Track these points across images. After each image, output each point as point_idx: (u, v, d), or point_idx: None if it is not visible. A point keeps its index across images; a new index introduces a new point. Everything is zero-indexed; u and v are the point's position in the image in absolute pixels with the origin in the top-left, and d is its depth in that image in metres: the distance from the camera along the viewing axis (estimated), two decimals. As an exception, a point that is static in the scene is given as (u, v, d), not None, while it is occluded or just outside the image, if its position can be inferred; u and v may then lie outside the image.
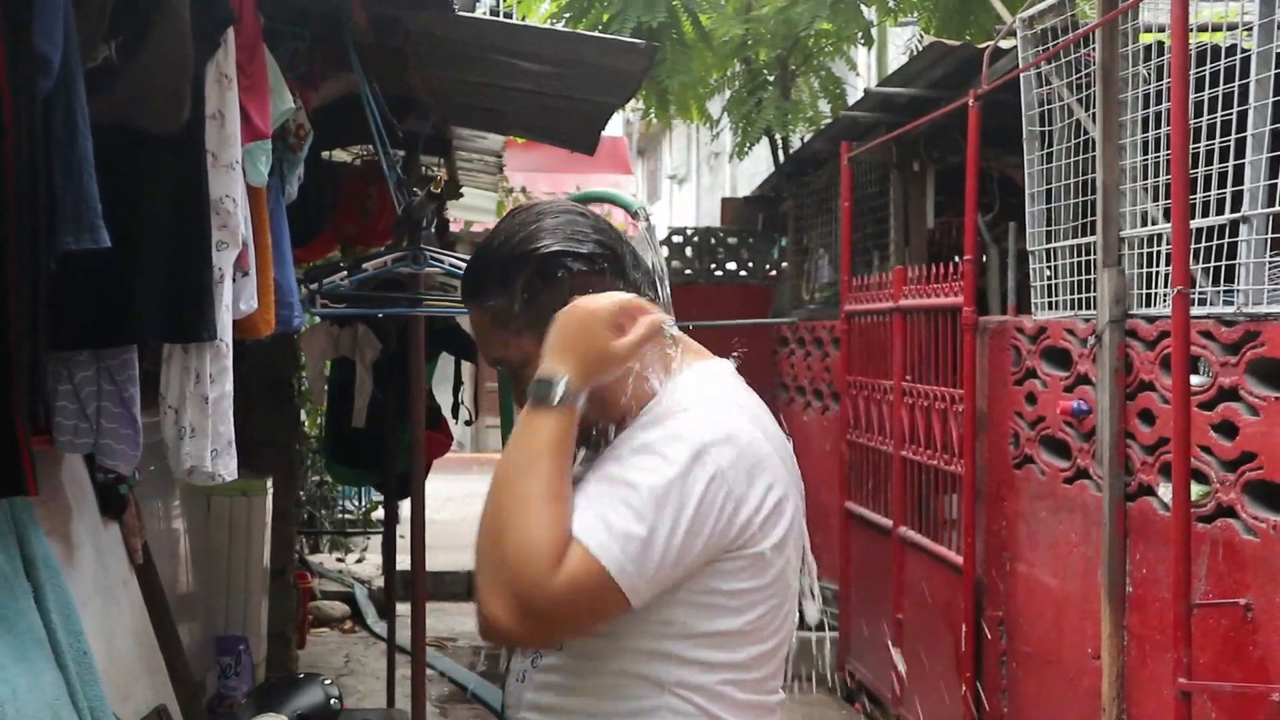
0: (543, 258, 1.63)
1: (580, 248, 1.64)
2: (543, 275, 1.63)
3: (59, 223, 1.76)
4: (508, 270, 1.65)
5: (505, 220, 1.73)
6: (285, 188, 3.21)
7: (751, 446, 1.58)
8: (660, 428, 1.57)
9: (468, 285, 1.71)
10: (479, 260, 1.70)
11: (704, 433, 1.55)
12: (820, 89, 7.84)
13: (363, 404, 4.54)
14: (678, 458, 1.52)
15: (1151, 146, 3.62)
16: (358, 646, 7.25)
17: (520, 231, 1.66)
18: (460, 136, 5.96)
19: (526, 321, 1.62)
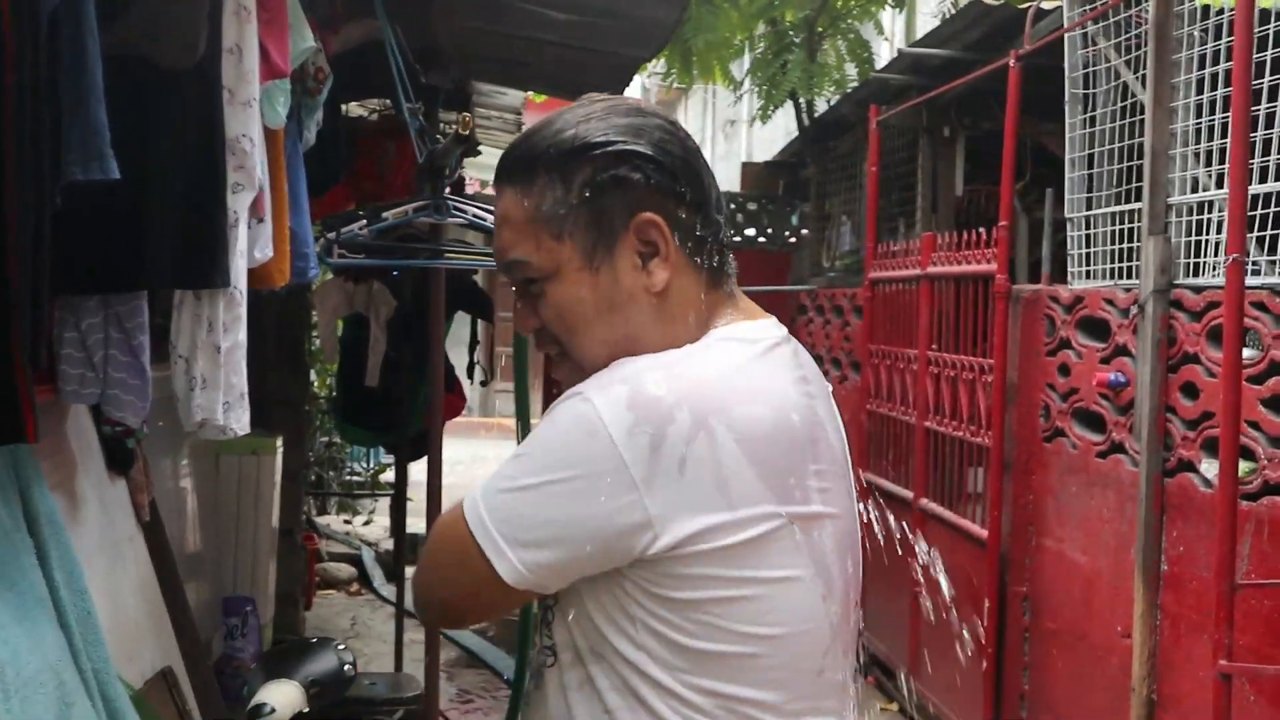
0: (620, 155, 1.36)
1: (663, 156, 1.38)
2: (612, 174, 1.36)
3: (66, 151, 1.63)
4: (568, 158, 1.37)
5: (572, 107, 1.44)
6: (303, 133, 3.09)
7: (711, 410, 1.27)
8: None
9: (512, 162, 1.40)
10: (531, 142, 1.40)
11: (624, 374, 1.30)
12: (848, 52, 7.68)
13: (376, 362, 4.43)
14: (572, 408, 1.29)
15: (1205, 110, 3.48)
16: (364, 609, 7.18)
17: (592, 119, 1.38)
18: (480, 92, 5.82)
19: (575, 225, 1.37)
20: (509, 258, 1.41)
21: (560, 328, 1.40)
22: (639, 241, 1.38)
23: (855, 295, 6.31)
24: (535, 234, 1.38)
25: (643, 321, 1.39)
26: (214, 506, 4.58)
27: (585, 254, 1.37)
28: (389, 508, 8.57)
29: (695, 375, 1.31)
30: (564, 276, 1.38)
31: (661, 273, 1.38)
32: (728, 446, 1.27)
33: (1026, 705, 4.37)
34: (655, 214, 1.37)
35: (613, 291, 1.38)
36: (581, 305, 1.38)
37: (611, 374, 1.32)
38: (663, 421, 1.25)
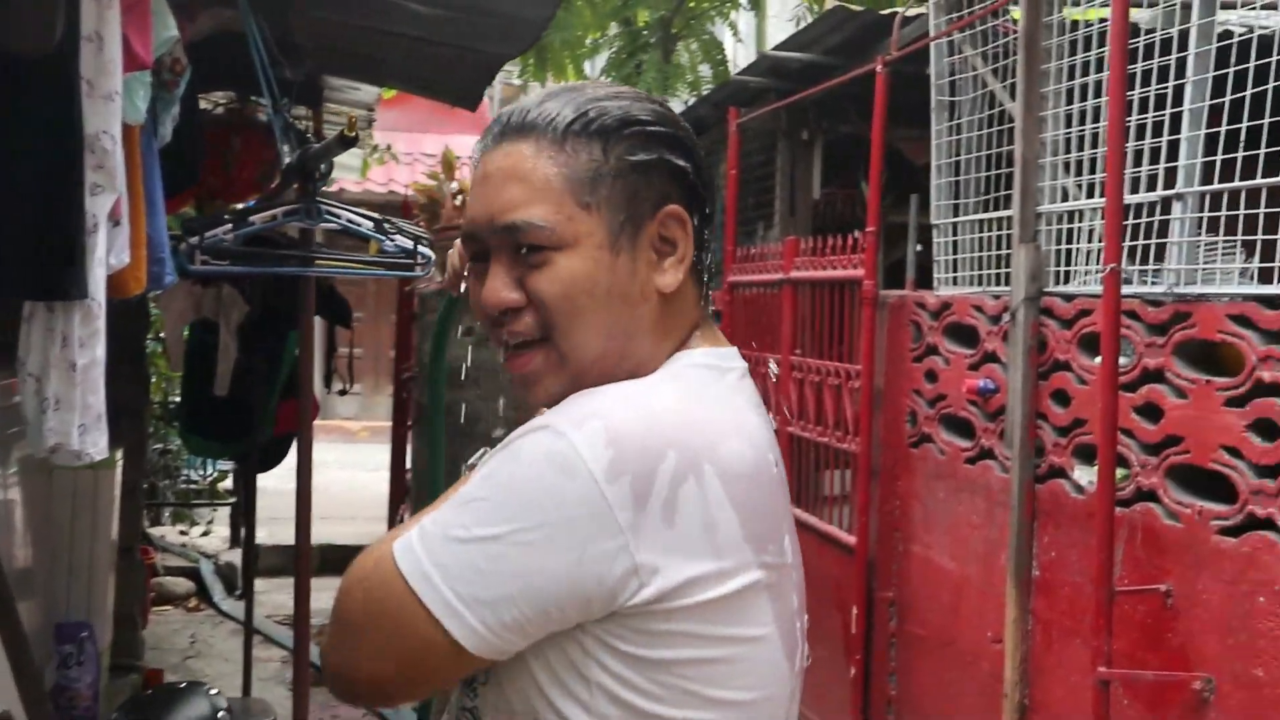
0: (667, 139, 1.27)
1: (699, 160, 1.32)
2: (655, 156, 1.26)
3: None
4: (618, 127, 1.25)
5: (597, 84, 1.34)
6: (158, 129, 2.88)
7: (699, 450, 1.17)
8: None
9: (538, 117, 1.26)
10: (565, 98, 1.27)
11: (601, 406, 1.17)
12: (701, 53, 7.67)
13: (227, 370, 4.20)
14: (542, 444, 1.15)
15: (1075, 120, 3.52)
16: (204, 626, 6.88)
17: (636, 101, 1.29)
18: (332, 87, 5.60)
19: (607, 198, 1.24)
20: (514, 218, 1.23)
21: (562, 306, 1.23)
22: (660, 236, 1.28)
23: (712, 298, 6.29)
24: (558, 197, 1.23)
25: (643, 324, 1.27)
26: (47, 525, 4.28)
27: (611, 231, 1.24)
28: (228, 517, 8.25)
29: (678, 409, 1.20)
30: (582, 250, 1.23)
31: (675, 274, 1.28)
32: (714, 489, 1.16)
33: (894, 711, 4.38)
34: (683, 208, 1.29)
35: (627, 282, 1.25)
36: (594, 286, 1.23)
37: (580, 406, 1.19)
38: (650, 461, 1.14)
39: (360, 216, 2.87)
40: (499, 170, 1.25)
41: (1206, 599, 2.91)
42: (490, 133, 1.29)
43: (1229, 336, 2.87)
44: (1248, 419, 2.80)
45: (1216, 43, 3.05)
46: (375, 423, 14.12)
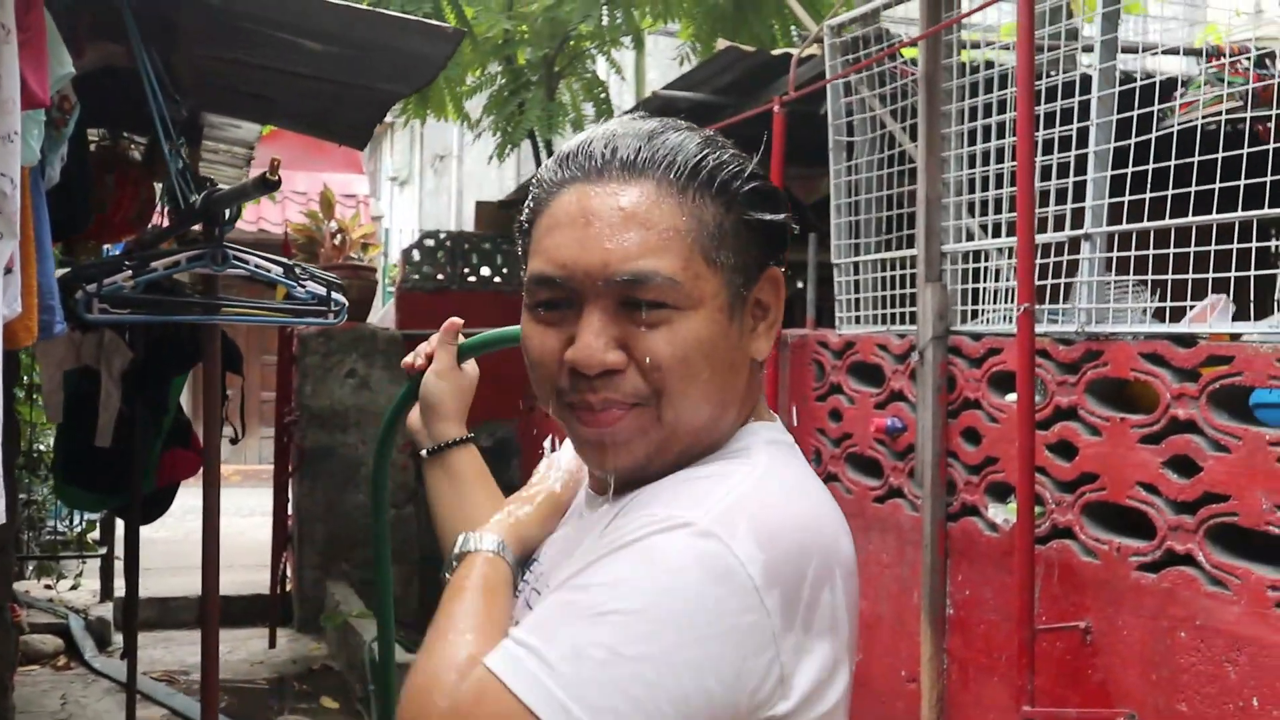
0: (770, 193, 1.17)
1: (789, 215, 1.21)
2: (766, 213, 1.16)
3: None
4: (731, 180, 1.14)
5: (678, 123, 1.20)
6: (45, 170, 2.71)
7: (830, 552, 1.09)
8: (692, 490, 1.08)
9: (656, 159, 1.13)
10: (677, 143, 1.14)
11: (726, 510, 1.05)
12: (583, 91, 7.64)
13: (109, 419, 3.99)
14: (688, 545, 1.01)
15: (977, 161, 3.56)
16: (75, 685, 6.53)
17: (729, 151, 1.18)
18: (211, 124, 5.42)
19: (729, 258, 1.13)
20: (641, 269, 1.09)
21: (679, 371, 1.11)
22: (758, 299, 1.18)
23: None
24: (688, 251, 1.11)
25: (736, 393, 1.17)
26: (-87, 589, 4.01)
27: (732, 293, 1.14)
28: (99, 570, 7.88)
29: (806, 505, 1.12)
30: (705, 312, 1.11)
31: (767, 342, 1.19)
32: (839, 593, 1.09)
33: (805, 752, 4.34)
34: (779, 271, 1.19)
35: (735, 349, 1.15)
36: (714, 352, 1.12)
37: (709, 497, 1.06)
38: (800, 565, 1.05)
39: (269, 262, 2.74)
40: (612, 211, 1.11)
41: (1126, 635, 2.94)
42: (581, 165, 1.15)
43: (1142, 374, 2.91)
44: (1164, 455, 2.84)
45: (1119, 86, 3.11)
46: (247, 466, 13.72)
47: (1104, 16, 3.09)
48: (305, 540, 7.41)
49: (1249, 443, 2.63)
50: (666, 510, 1.05)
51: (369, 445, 7.45)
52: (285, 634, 7.43)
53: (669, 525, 1.03)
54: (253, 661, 7.00)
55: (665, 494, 1.09)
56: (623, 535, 1.04)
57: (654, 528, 1.03)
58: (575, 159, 1.16)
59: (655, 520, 1.04)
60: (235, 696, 6.29)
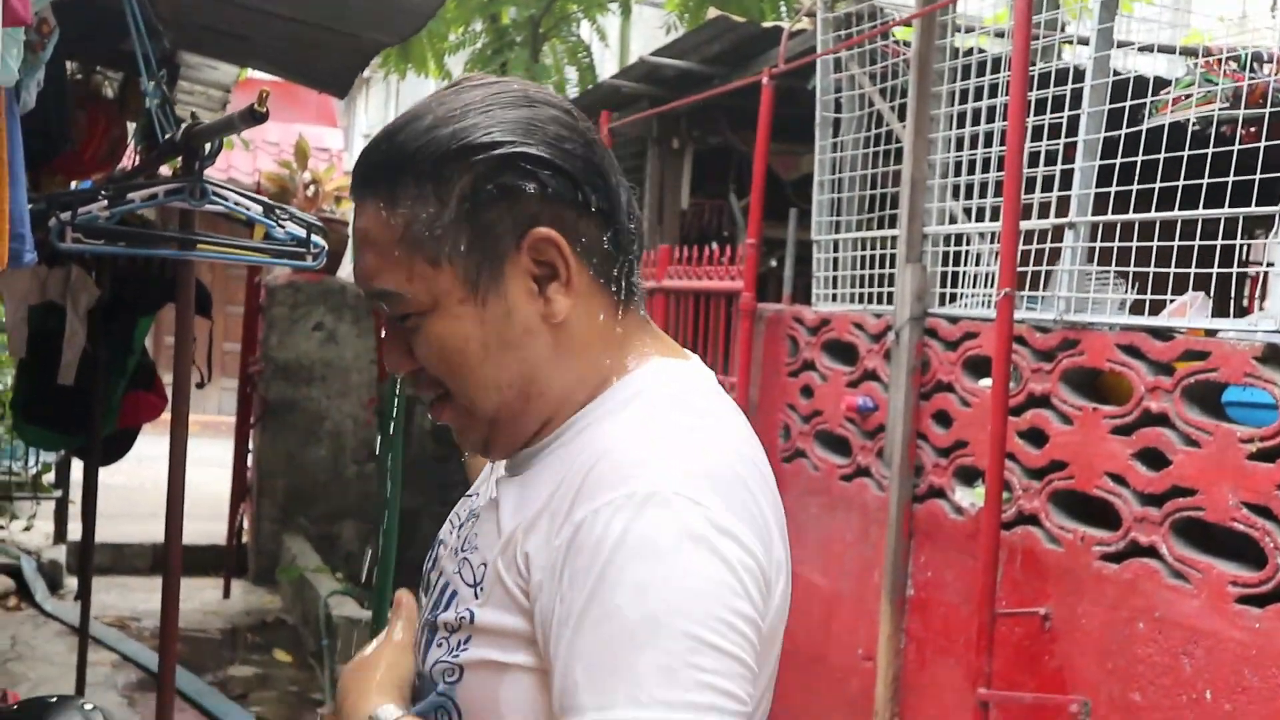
0: (507, 159, 1.13)
1: (562, 160, 1.15)
2: (497, 183, 1.13)
3: None
4: (441, 163, 1.13)
5: (450, 92, 1.19)
6: (20, 94, 2.65)
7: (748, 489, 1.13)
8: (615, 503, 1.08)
9: (367, 174, 1.17)
10: (395, 142, 1.16)
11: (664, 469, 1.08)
12: (566, 55, 7.58)
13: (74, 358, 3.93)
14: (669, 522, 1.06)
15: (964, 144, 3.55)
16: (25, 626, 6.46)
17: (472, 113, 1.15)
18: (187, 64, 5.33)
19: (455, 248, 1.13)
20: (375, 287, 1.16)
21: (443, 370, 1.17)
22: (534, 263, 1.15)
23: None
24: (406, 259, 1.14)
25: (543, 358, 1.17)
26: None
27: (468, 282, 1.14)
28: (53, 512, 7.79)
29: (720, 431, 1.17)
30: (444, 310, 1.15)
31: (562, 300, 1.16)
32: (766, 497, 1.15)
33: (757, 725, 4.36)
34: (553, 229, 1.14)
35: (504, 326, 1.15)
36: (467, 344, 1.15)
37: (651, 461, 1.09)
38: (742, 487, 1.12)
39: (248, 199, 2.69)
40: (358, 232, 1.18)
41: (1085, 623, 2.95)
42: (353, 179, 1.20)
43: (1117, 366, 2.91)
44: (1134, 447, 2.84)
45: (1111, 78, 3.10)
46: (207, 417, 13.59)
47: (1102, 5, 3.08)
48: (264, 493, 7.36)
49: (1220, 439, 2.64)
50: (621, 491, 1.07)
51: (333, 400, 7.39)
52: (240, 585, 7.38)
53: (638, 505, 1.06)
54: (206, 611, 6.95)
55: (595, 470, 1.10)
56: (596, 539, 1.06)
57: (624, 518, 1.06)
58: (355, 168, 1.21)
59: (616, 505, 1.06)
60: (188, 645, 6.24)
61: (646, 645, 1.01)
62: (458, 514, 1.32)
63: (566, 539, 1.07)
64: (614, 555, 1.04)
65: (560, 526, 1.08)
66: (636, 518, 1.05)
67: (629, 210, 1.20)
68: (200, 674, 5.66)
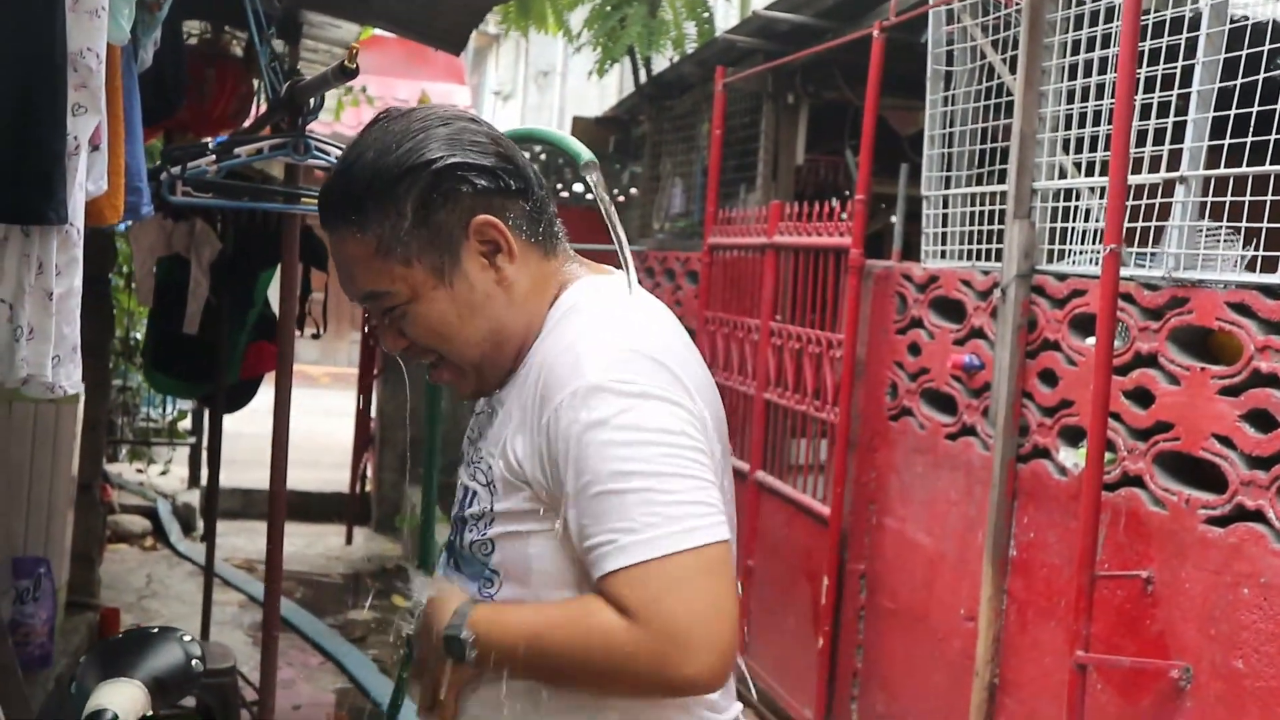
0: (444, 171, 1.45)
1: (483, 160, 1.47)
2: (440, 191, 1.45)
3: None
4: (394, 186, 1.44)
5: (377, 129, 1.49)
6: (138, 53, 2.75)
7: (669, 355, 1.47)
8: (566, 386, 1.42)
9: (336, 208, 1.47)
10: (351, 176, 1.47)
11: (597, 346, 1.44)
12: (686, 10, 7.54)
13: (197, 309, 4.09)
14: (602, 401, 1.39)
15: (1077, 97, 3.46)
16: (160, 566, 6.77)
17: (405, 140, 1.45)
18: (310, 23, 5.44)
19: (420, 246, 1.45)
20: (365, 291, 1.48)
21: (433, 341, 1.50)
22: (480, 244, 1.48)
23: (689, 260, 6.20)
24: (384, 266, 1.45)
25: (502, 312, 1.50)
26: (5, 459, 4.16)
27: (435, 271, 1.46)
28: (187, 458, 8.12)
29: (641, 319, 1.51)
30: (423, 297, 1.47)
31: (509, 266, 1.50)
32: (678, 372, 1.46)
33: (859, 683, 4.36)
34: (488, 215, 1.47)
35: (470, 296, 1.48)
36: (447, 317, 1.48)
37: (576, 355, 1.43)
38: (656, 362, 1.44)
39: (350, 154, 2.76)
40: (340, 258, 1.49)
41: (1188, 588, 2.89)
42: (322, 215, 1.50)
43: (1227, 324, 2.83)
44: (1242, 409, 2.76)
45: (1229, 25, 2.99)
46: (336, 369, 13.97)
47: (1218, -49, 2.96)
48: (386, 443, 7.55)
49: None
50: (567, 390, 1.40)
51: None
52: (362, 533, 7.60)
53: (583, 396, 1.38)
54: (329, 556, 7.18)
55: (552, 378, 1.43)
56: (563, 431, 1.39)
57: (574, 410, 1.39)
58: (321, 203, 1.53)
59: (566, 403, 1.40)
60: (310, 588, 6.47)
61: (624, 491, 1.35)
62: (472, 429, 1.64)
63: (544, 435, 1.41)
64: (580, 438, 1.37)
65: (534, 427, 1.43)
66: (583, 406, 1.38)
67: (537, 179, 1.53)
68: (321, 616, 5.87)
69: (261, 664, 2.88)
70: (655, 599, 1.31)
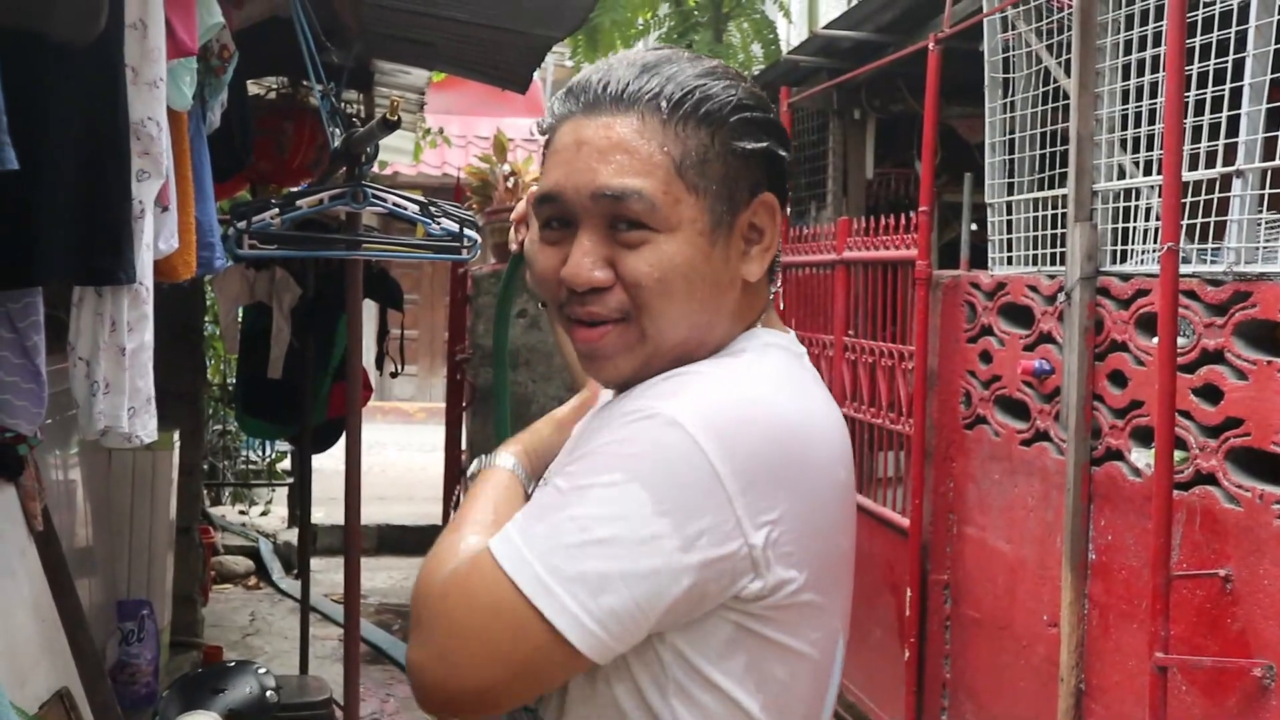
0: (769, 125, 1.25)
1: (787, 147, 1.29)
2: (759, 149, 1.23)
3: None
4: (725, 111, 1.21)
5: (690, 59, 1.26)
6: (206, 115, 2.89)
7: (787, 424, 1.15)
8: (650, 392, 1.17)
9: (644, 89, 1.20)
10: (670, 75, 1.21)
11: (695, 401, 1.13)
12: (753, 32, 7.61)
13: (280, 353, 4.24)
14: (643, 431, 1.11)
15: (1132, 96, 3.45)
16: (263, 604, 6.96)
17: (733, 83, 1.24)
18: (382, 71, 5.63)
19: (713, 183, 1.20)
20: (623, 185, 1.17)
21: (657, 290, 1.18)
22: (750, 224, 1.24)
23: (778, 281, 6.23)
24: (667, 176, 1.18)
25: (725, 310, 1.24)
26: (107, 506, 4.35)
27: (713, 219, 1.20)
28: (286, 497, 8.34)
29: (781, 398, 1.18)
30: (683, 235, 1.19)
31: (760, 264, 1.25)
32: (809, 494, 1.16)
33: (948, 694, 4.35)
34: (775, 197, 1.26)
35: (721, 270, 1.22)
36: (692, 273, 1.19)
37: (687, 391, 1.15)
38: (767, 455, 1.13)
39: (406, 200, 2.87)
40: (602, 139, 1.19)
41: (1268, 584, 2.85)
42: (578, 99, 1.23)
43: (1291, 316, 2.80)
44: (1310, 401, 2.73)
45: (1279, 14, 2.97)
46: (431, 404, 14.21)
47: (1262, -59, 2.95)
48: (479, 474, 7.66)
49: (1399, 388, 2.52)
50: (642, 403, 1.14)
51: (538, 384, 7.64)
52: (457, 564, 7.72)
53: (640, 416, 1.12)
54: (425, 588, 7.31)
55: (651, 389, 1.17)
56: (603, 429, 1.15)
57: (627, 419, 1.13)
58: (573, 93, 1.24)
59: (629, 413, 1.13)
60: (405, 619, 6.60)
61: (565, 506, 1.09)
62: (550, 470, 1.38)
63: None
64: (601, 441, 1.13)
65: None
66: (633, 424, 1.12)
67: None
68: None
69: (344, 693, 2.98)
70: (471, 596, 1.09)
